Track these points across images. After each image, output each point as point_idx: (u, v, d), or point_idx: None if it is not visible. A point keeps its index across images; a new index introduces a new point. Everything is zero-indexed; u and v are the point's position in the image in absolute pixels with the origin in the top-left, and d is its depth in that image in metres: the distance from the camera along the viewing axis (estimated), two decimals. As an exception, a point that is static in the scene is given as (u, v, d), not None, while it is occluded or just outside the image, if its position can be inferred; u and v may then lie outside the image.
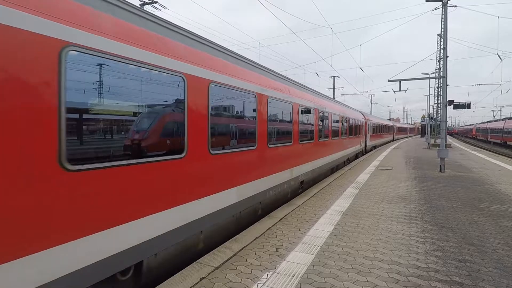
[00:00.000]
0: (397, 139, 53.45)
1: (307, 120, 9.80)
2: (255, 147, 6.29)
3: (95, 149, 3.19)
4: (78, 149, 2.96)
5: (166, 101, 4.19)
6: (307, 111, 9.62)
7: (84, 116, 3.09)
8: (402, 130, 68.17)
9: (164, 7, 19.86)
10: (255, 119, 6.40)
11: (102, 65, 3.15)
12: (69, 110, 2.79)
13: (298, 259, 4.36)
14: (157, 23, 4.15)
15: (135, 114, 3.67)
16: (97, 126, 3.25)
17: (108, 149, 3.32)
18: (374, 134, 28.78)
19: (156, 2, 19.13)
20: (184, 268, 4.07)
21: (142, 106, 3.79)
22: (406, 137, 71.59)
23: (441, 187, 9.72)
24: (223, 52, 5.74)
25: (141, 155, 3.59)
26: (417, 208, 7.19)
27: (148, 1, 19.01)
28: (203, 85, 4.70)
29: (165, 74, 3.96)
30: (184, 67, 4.26)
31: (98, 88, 3.17)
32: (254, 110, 6.40)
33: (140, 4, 19.08)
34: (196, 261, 4.24)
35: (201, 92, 4.64)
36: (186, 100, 4.30)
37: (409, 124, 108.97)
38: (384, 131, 37.55)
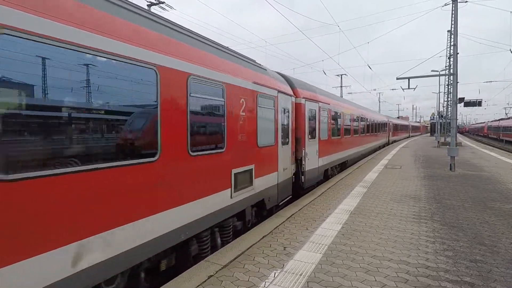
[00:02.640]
0: (395, 141, 39.16)
1: None
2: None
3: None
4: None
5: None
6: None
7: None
8: (401, 129, 48.50)
9: (171, 7, 19.98)
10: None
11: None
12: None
13: (306, 258, 4.35)
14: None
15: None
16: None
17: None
18: (338, 138, 13.08)
19: (163, 3, 19.26)
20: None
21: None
22: (407, 137, 55.99)
23: (451, 186, 9.57)
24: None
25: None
26: (427, 207, 7.10)
27: (155, 2, 19.15)
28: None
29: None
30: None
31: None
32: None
33: (147, 5, 19.25)
34: (204, 259, 4.27)
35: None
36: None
37: (411, 121, 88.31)
38: (369, 131, 20.72)
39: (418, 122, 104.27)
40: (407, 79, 15.38)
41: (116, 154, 3.20)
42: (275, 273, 3.91)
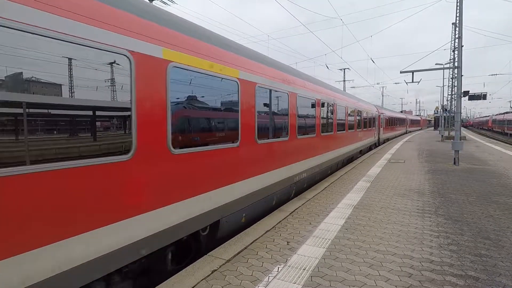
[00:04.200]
0: (387, 140, 30.09)
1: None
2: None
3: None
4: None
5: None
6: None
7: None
8: (397, 123, 38.04)
9: (172, 1, 19.82)
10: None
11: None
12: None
13: (309, 252, 4.35)
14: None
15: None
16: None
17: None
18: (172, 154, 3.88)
19: (164, -3, 19.08)
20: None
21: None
22: (404, 133, 46.16)
23: (456, 180, 9.50)
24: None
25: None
26: (431, 201, 7.06)
27: (156, -4, 18.98)
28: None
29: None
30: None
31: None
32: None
33: (148, -1, 19.09)
34: (208, 254, 4.28)
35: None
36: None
37: (408, 113, 72.67)
38: (338, 129, 11.84)
39: (417, 115, 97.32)
40: (411, 73, 15.24)
41: None
42: (278, 267, 3.91)
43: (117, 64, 3.26)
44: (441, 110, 38.63)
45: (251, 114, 5.78)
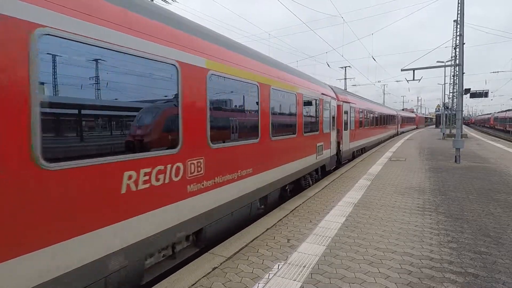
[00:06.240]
0: (363, 149, 18.20)
1: None
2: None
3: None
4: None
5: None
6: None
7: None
8: (384, 121, 26.77)
9: (174, 0, 19.76)
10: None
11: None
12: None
13: (310, 250, 4.37)
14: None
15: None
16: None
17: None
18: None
19: (165, -5, 19.05)
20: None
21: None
22: (395, 134, 36.01)
23: (456, 178, 9.50)
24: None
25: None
26: (431, 199, 7.07)
27: (157, -5, 18.95)
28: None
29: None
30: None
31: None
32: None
33: (149, -2, 19.00)
34: (208, 252, 4.31)
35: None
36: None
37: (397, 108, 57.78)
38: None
39: (412, 111, 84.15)
40: (412, 71, 15.20)
41: None
42: (279, 265, 3.94)
43: None
44: (443, 108, 38.57)
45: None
